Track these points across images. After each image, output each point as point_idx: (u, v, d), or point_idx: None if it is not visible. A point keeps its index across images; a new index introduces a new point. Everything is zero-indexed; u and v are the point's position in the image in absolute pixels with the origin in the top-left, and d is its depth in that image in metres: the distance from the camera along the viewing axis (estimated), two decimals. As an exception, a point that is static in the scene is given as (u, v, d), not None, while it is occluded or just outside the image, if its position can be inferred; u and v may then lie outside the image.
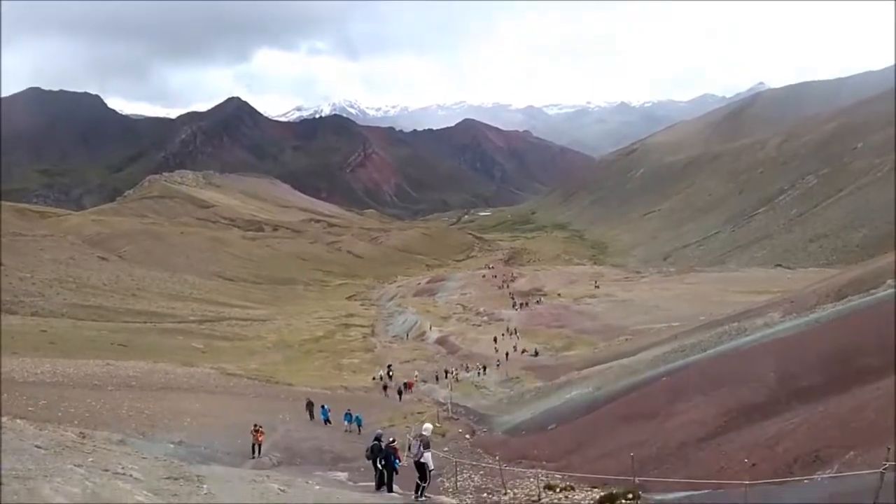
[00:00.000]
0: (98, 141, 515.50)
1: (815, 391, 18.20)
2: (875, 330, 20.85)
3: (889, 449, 8.89)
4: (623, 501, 13.78)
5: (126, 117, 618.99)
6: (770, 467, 14.26)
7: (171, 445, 23.57)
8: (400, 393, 47.14)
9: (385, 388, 48.67)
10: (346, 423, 31.75)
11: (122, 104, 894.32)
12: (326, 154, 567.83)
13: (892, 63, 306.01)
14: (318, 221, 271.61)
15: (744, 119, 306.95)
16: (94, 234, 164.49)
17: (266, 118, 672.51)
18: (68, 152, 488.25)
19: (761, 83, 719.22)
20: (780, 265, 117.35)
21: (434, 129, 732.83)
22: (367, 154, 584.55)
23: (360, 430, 31.15)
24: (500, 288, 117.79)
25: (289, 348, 78.27)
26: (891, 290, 26.54)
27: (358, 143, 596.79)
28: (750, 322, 34.93)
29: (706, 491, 13.76)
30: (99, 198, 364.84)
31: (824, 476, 12.37)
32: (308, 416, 33.44)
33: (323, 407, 33.20)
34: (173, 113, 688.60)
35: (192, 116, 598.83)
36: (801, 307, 32.94)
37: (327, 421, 32.47)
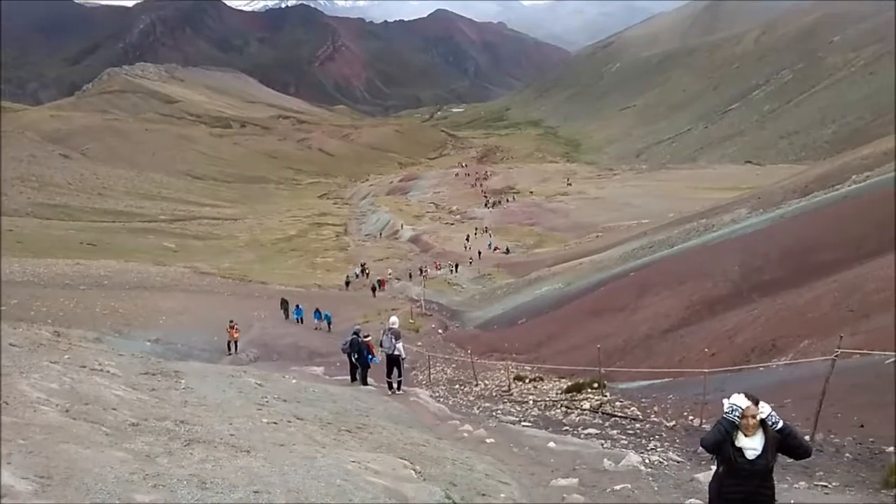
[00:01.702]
0: (53, 32, 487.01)
1: (776, 284, 18.82)
2: (835, 225, 21.38)
3: (841, 337, 9.30)
4: (589, 390, 14.43)
5: (81, 6, 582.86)
6: (729, 356, 14.93)
7: (148, 343, 23.86)
8: (373, 290, 47.67)
9: (373, 288, 48.47)
10: (315, 320, 32.10)
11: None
12: (294, 47, 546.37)
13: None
14: (287, 118, 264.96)
15: (723, 10, 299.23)
16: (54, 130, 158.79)
17: (229, 7, 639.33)
18: (23, 44, 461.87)
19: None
20: (750, 162, 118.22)
21: (405, 20, 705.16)
22: (336, 47, 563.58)
23: (329, 328, 31.57)
24: (472, 186, 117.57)
25: (262, 247, 78.22)
26: (853, 186, 27.02)
27: (326, 35, 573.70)
28: (718, 218, 35.54)
29: (667, 379, 14.41)
30: (56, 92, 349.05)
31: (779, 363, 12.98)
32: (283, 315, 33.79)
33: (297, 306, 33.47)
34: (129, 1, 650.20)
35: (151, 5, 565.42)
36: (768, 203, 33.49)
37: (300, 320, 32.82)
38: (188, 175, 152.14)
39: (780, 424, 3.77)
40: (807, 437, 8.14)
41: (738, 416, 3.80)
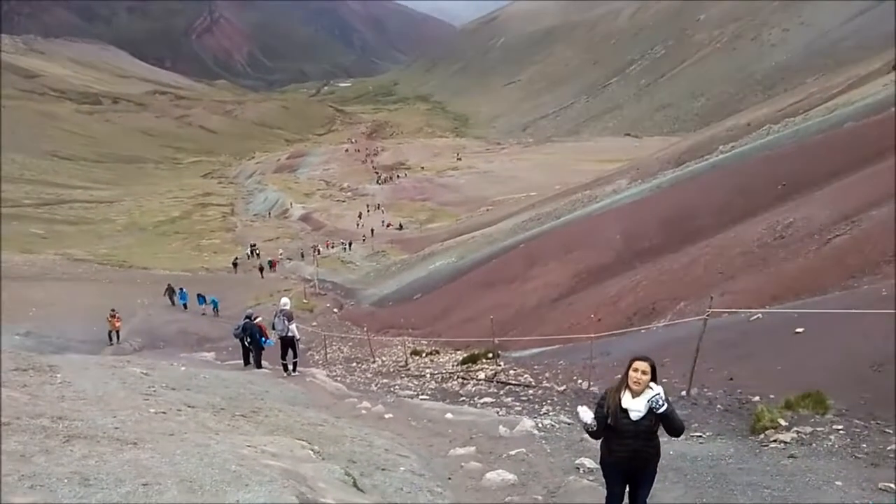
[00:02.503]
0: None
1: (655, 251, 19.96)
2: (705, 193, 22.90)
3: (711, 298, 10.01)
4: (484, 360, 14.80)
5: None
6: (613, 321, 15.73)
7: (17, 337, 22.21)
8: (261, 270, 46.54)
9: (261, 269, 47.25)
10: (200, 305, 30.93)
11: None
12: (167, 18, 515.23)
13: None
14: (163, 94, 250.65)
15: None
16: None
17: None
18: None
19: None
20: (628, 134, 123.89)
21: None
22: (213, 19, 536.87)
23: (216, 312, 30.53)
24: (363, 162, 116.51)
25: (142, 231, 74.25)
26: (720, 156, 28.94)
27: (203, 5, 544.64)
28: (600, 189, 37.12)
29: (557, 346, 15.01)
30: None
31: (659, 325, 13.81)
32: (169, 302, 32.28)
33: (181, 290, 32.09)
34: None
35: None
36: (645, 174, 35.31)
37: (185, 305, 31.50)
38: (54, 156, 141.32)
39: (664, 409, 4.01)
40: (683, 393, 8.76)
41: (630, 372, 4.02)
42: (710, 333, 8.96)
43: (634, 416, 4.02)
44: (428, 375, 14.79)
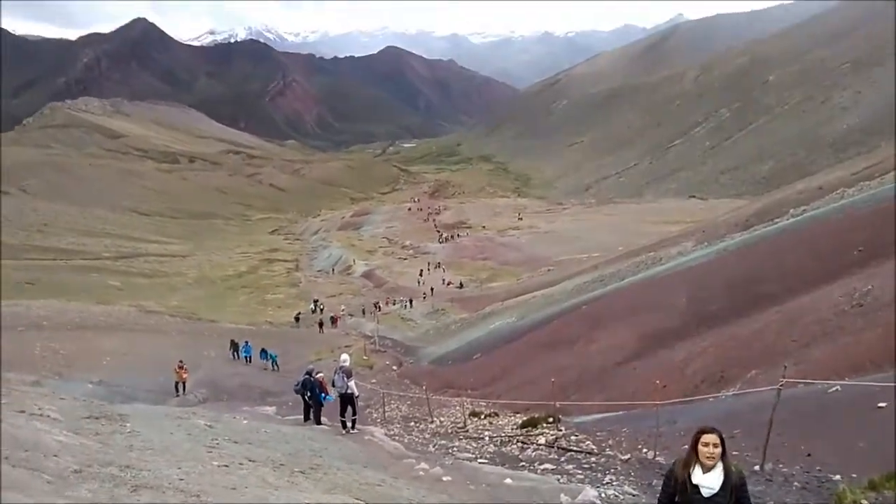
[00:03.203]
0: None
1: (722, 316, 19.33)
2: (775, 258, 22.17)
3: (785, 367, 9.61)
4: (545, 424, 14.48)
5: (19, 38, 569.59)
6: (680, 388, 15.20)
7: (90, 385, 22.99)
8: (321, 325, 47.23)
9: (320, 324, 48.33)
10: (262, 360, 31.40)
11: (15, 23, 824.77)
12: (243, 82, 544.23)
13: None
14: (237, 153, 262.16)
15: (663, 51, 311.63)
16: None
17: (177, 42, 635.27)
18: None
19: (680, 14, 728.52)
20: (693, 196, 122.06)
21: (356, 56, 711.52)
22: (286, 82, 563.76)
23: (275, 367, 30.89)
24: (425, 221, 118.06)
25: (211, 284, 76.65)
26: (791, 220, 28.11)
27: (276, 70, 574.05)
28: (665, 251, 36.44)
29: (621, 412, 14.57)
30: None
31: (728, 394, 13.29)
32: (232, 357, 32.90)
33: (245, 344, 32.71)
34: (72, 34, 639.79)
35: (95, 38, 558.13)
36: (712, 237, 34.55)
37: (248, 358, 32.06)
38: (134, 211, 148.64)
39: (743, 488, 3.82)
40: (756, 467, 8.34)
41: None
42: (784, 405, 8.58)
43: (707, 492, 3.82)
44: (487, 438, 14.55)
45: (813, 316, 15.40)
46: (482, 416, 17.43)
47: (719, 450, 3.82)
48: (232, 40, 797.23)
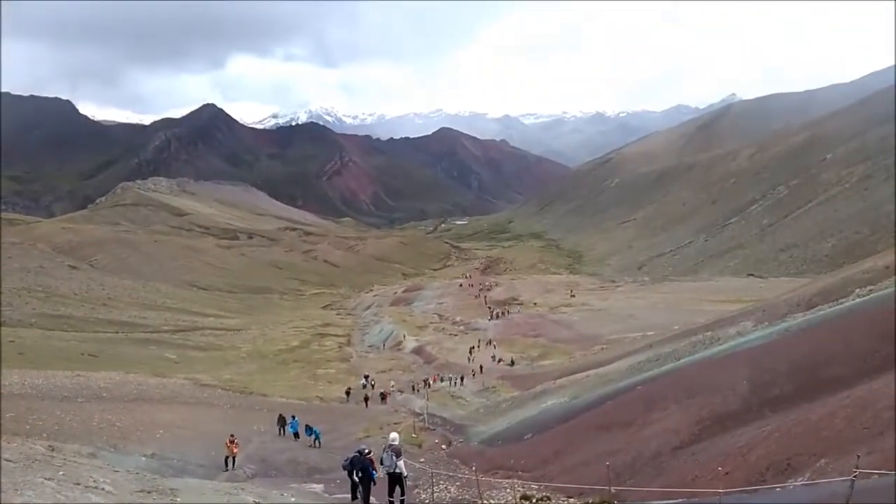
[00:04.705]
0: (69, 147, 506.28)
1: (786, 399, 18.46)
2: (843, 339, 21.24)
3: (858, 456, 9.07)
4: (599, 511, 13.87)
5: (98, 123, 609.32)
6: (743, 475, 14.42)
7: (144, 458, 23.20)
8: (366, 399, 47.05)
9: (366, 399, 48.50)
10: (307, 436, 31.06)
11: (94, 110, 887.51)
12: (303, 162, 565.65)
13: (861, 76, 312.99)
14: (293, 230, 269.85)
15: (716, 130, 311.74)
16: (65, 242, 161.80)
17: (241, 125, 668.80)
18: (38, 159, 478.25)
19: (733, 94, 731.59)
20: (752, 274, 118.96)
21: (411, 137, 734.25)
22: (343, 162, 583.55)
23: (318, 443, 30.53)
24: (476, 297, 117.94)
25: (264, 358, 77.53)
26: (858, 300, 27.06)
27: (334, 151, 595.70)
28: (723, 331, 35.33)
29: (680, 500, 13.89)
30: (69, 205, 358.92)
31: (796, 484, 12.54)
32: (279, 432, 32.77)
33: (293, 419, 32.59)
34: (146, 119, 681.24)
35: (167, 123, 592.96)
36: (773, 316, 33.40)
37: (297, 434, 31.85)
38: (193, 285, 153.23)
39: None
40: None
41: None
42: (858, 496, 8.06)
43: None
44: (539, 523, 13.98)
45: (885, 402, 14.56)
46: (534, 500, 16.83)
47: None
48: (293, 123, 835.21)
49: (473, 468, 21.77)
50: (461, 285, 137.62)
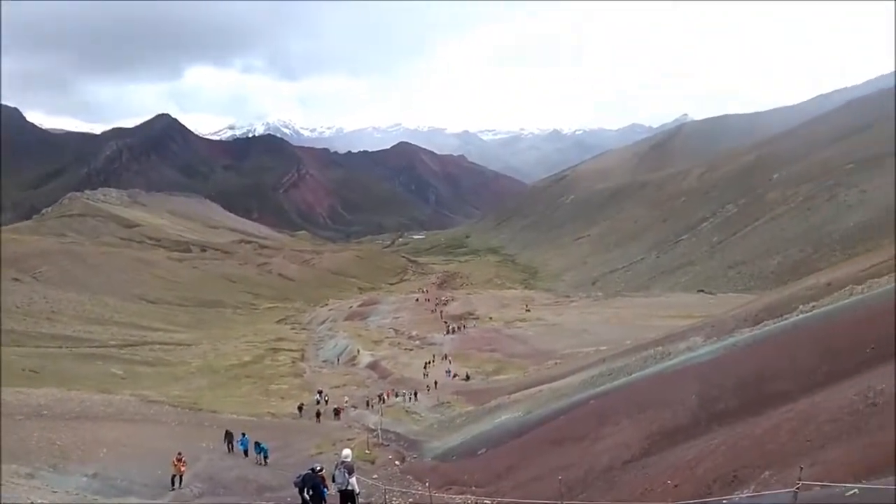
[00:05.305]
0: (15, 156, 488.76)
1: (733, 413, 18.84)
2: (787, 354, 21.83)
3: (801, 469, 9.27)
4: (550, 526, 13.88)
5: (46, 131, 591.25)
6: (691, 488, 14.63)
7: (85, 478, 22.39)
8: (318, 416, 46.49)
9: (318, 414, 47.89)
10: (255, 454, 30.14)
11: (42, 118, 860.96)
12: (259, 174, 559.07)
13: (805, 99, 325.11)
14: (248, 242, 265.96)
15: (668, 149, 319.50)
16: (8, 253, 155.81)
17: (197, 136, 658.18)
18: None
19: (685, 114, 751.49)
20: (702, 290, 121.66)
21: (369, 151, 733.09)
22: (300, 175, 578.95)
23: (266, 461, 29.78)
24: (432, 312, 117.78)
25: (214, 373, 75.87)
26: (801, 316, 27.87)
27: (291, 163, 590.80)
28: (673, 346, 35.98)
29: (630, 514, 14.00)
30: (14, 216, 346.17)
31: (742, 496, 12.76)
32: (226, 449, 31.91)
33: (243, 436, 31.72)
34: (98, 128, 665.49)
35: (119, 133, 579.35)
36: (721, 331, 34.16)
37: (247, 452, 30.89)
38: (143, 299, 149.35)
39: None
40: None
41: None
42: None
43: None
44: (490, 539, 13.94)
45: (827, 415, 14.97)
46: (486, 516, 16.77)
47: None
48: (250, 135, 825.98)
49: (427, 484, 21.62)
50: (417, 300, 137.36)
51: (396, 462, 31.03)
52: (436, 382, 61.11)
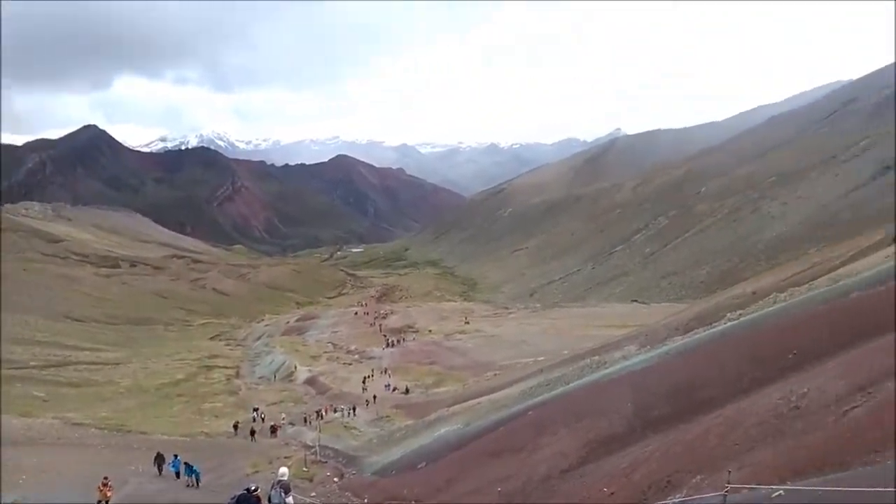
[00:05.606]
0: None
1: (666, 420, 19.30)
2: (716, 362, 22.54)
3: (729, 472, 9.52)
4: (489, 538, 13.85)
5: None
6: (627, 494, 14.88)
7: (1, 508, 21.16)
8: (253, 433, 45.43)
9: (252, 432, 46.68)
10: (186, 476, 28.81)
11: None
12: (192, 187, 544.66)
13: (732, 115, 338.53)
14: (181, 257, 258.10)
15: (602, 163, 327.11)
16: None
17: (126, 148, 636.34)
18: None
19: (619, 129, 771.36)
20: (636, 300, 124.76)
21: (307, 164, 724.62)
22: (235, 188, 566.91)
23: (197, 483, 28.48)
24: (371, 325, 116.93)
25: (144, 393, 73.17)
26: (729, 324, 28.86)
27: (226, 176, 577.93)
28: (609, 355, 36.69)
29: (568, 523, 14.11)
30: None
31: (674, 500, 13.04)
32: (156, 471, 30.49)
33: (175, 457, 30.47)
34: (19, 140, 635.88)
35: (42, 144, 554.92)
36: (654, 340, 35.05)
37: (178, 474, 29.53)
38: (68, 317, 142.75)
39: None
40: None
41: None
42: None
43: None
44: (429, 555, 13.81)
45: (754, 419, 15.48)
46: (425, 531, 16.64)
47: None
48: (183, 147, 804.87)
49: (366, 500, 21.33)
50: (356, 313, 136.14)
51: (335, 479, 30.53)
52: (375, 397, 60.57)
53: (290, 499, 13.33)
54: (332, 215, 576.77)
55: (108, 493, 22.60)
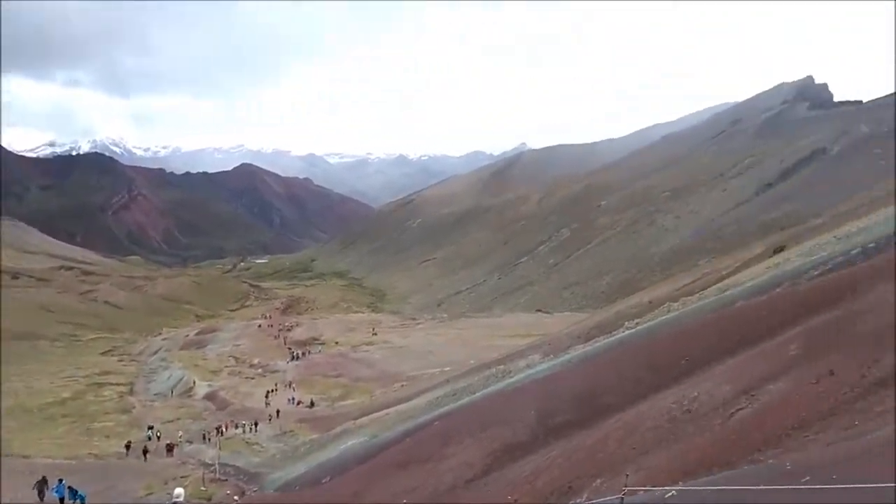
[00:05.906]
0: None
1: (568, 426, 19.75)
2: (615, 369, 23.34)
3: (627, 475, 9.78)
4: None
5: None
6: (531, 501, 15.08)
7: None
8: (145, 452, 43.09)
9: (144, 451, 44.15)
10: (70, 501, 26.98)
11: None
12: (84, 195, 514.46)
13: (630, 132, 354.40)
14: (69, 269, 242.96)
15: (508, 176, 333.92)
16: None
17: (9, 152, 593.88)
18: None
19: (524, 143, 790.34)
20: (540, 310, 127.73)
21: (209, 172, 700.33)
22: (132, 196, 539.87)
23: None
24: (276, 338, 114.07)
25: (27, 414, 68.09)
26: (627, 332, 29.98)
27: (122, 183, 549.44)
28: (514, 364, 37.32)
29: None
30: None
31: (576, 505, 13.31)
32: (38, 498, 28.27)
33: (59, 482, 28.34)
34: None
35: None
36: (557, 349, 35.94)
37: (62, 500, 27.59)
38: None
39: None
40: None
41: None
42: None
43: None
44: (332, 572, 13.47)
45: (650, 423, 16.08)
46: (328, 548, 16.27)
47: None
48: (73, 152, 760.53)
49: (266, 519, 20.62)
50: (260, 326, 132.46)
51: (235, 497, 29.45)
52: (278, 411, 59.00)
53: (186, 520, 12.71)
54: (236, 225, 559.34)
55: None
